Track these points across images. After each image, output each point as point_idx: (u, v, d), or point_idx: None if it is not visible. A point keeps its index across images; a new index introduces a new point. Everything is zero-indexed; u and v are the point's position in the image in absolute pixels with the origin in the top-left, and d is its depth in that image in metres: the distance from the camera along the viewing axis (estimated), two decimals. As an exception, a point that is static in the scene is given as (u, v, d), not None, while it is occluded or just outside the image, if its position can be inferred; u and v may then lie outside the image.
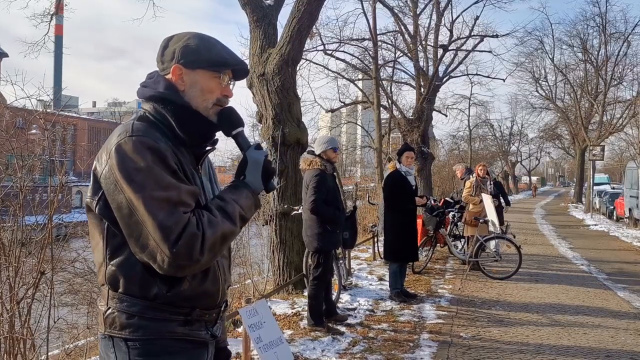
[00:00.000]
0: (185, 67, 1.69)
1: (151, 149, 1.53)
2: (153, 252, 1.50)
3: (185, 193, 1.54)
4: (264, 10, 7.84)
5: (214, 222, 1.56)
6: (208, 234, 1.52)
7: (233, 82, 1.80)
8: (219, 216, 1.58)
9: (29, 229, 3.97)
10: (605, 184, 35.59)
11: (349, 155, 33.52)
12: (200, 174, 1.76)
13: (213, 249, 1.55)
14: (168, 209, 1.49)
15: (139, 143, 1.53)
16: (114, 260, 1.60)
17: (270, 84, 7.41)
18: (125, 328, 1.60)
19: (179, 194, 1.52)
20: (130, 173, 1.51)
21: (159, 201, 1.49)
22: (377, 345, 5.34)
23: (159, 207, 1.48)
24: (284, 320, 6.01)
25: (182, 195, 1.53)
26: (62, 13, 15.34)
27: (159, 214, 1.48)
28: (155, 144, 1.55)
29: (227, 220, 1.59)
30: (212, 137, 1.77)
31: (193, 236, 1.50)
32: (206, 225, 1.53)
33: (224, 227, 1.58)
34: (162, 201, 1.49)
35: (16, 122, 6.55)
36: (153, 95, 1.69)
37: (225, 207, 1.61)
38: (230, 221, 1.60)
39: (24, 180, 4.00)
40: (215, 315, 1.77)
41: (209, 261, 1.57)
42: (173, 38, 1.76)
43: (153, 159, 1.52)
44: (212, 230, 1.54)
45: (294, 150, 7.47)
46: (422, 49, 20.55)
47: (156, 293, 1.59)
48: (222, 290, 1.76)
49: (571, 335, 5.81)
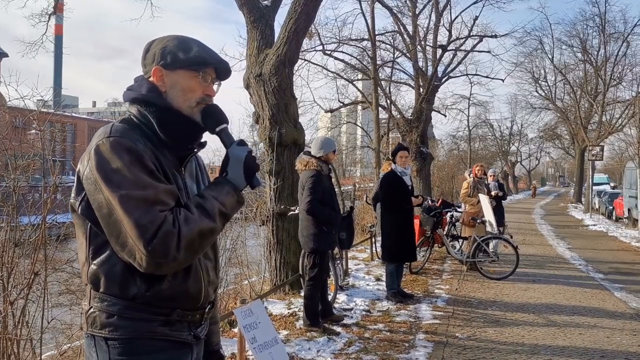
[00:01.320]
0: (165, 69, 1.71)
1: (128, 149, 1.55)
2: (132, 251, 1.51)
3: (163, 192, 1.55)
4: (261, 11, 7.85)
5: (190, 219, 1.56)
6: (184, 231, 1.53)
7: (218, 82, 1.81)
8: (196, 213, 1.58)
9: (22, 229, 3.97)
10: (605, 184, 35.61)
11: (349, 155, 33.56)
12: (184, 176, 1.76)
13: (191, 247, 1.55)
14: (144, 207, 1.50)
15: (116, 144, 1.55)
16: (95, 259, 1.62)
17: (267, 84, 7.42)
18: (105, 327, 1.61)
19: (156, 193, 1.53)
20: (107, 173, 1.53)
21: (135, 200, 1.50)
22: (373, 346, 5.35)
23: (135, 206, 1.50)
24: (280, 321, 6.02)
25: (159, 194, 1.54)
26: (61, 13, 15.33)
27: (134, 212, 1.49)
28: (132, 144, 1.57)
29: (205, 217, 1.59)
30: (197, 138, 1.78)
31: (168, 234, 1.50)
32: (182, 223, 1.54)
33: (201, 224, 1.57)
34: (139, 200, 1.51)
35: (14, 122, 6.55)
36: (136, 98, 1.72)
37: (204, 204, 1.61)
38: (209, 218, 1.60)
39: (18, 180, 4.00)
40: (199, 317, 1.76)
41: (187, 259, 1.57)
42: (155, 41, 1.78)
43: (130, 159, 1.54)
44: (188, 227, 1.54)
45: (291, 150, 7.48)
46: (421, 49, 20.57)
47: (135, 293, 1.60)
48: (206, 291, 1.74)
49: (567, 335, 5.81)
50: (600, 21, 28.59)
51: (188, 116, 1.71)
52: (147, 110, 1.69)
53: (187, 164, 1.79)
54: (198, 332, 1.77)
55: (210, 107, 1.75)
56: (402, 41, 20.66)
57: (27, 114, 5.46)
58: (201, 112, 1.73)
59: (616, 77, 29.35)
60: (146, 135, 1.65)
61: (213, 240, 1.69)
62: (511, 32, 24.10)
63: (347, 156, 35.10)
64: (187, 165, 1.79)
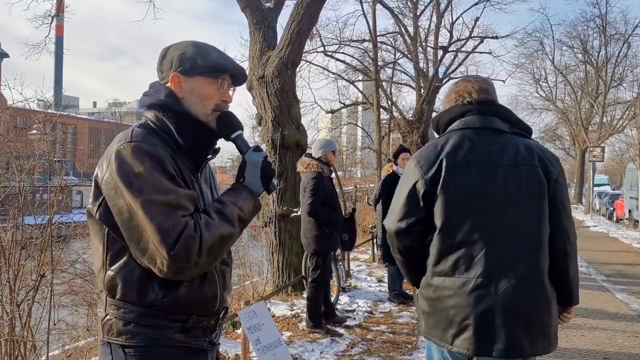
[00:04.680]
0: (183, 75, 1.72)
1: (149, 154, 1.56)
2: (153, 256, 1.52)
3: (184, 197, 1.56)
4: (264, 13, 7.87)
5: (211, 224, 1.57)
6: (205, 236, 1.54)
7: (233, 88, 1.82)
8: (216, 219, 1.59)
9: (29, 231, 4.00)
10: (605, 185, 35.61)
11: (349, 156, 33.53)
12: (200, 181, 1.77)
13: (212, 252, 1.56)
14: (166, 212, 1.51)
15: (138, 148, 1.56)
16: (113, 265, 1.62)
17: (269, 86, 7.45)
18: (122, 334, 1.61)
19: (177, 198, 1.54)
20: (129, 178, 1.53)
21: (157, 205, 1.51)
22: (376, 347, 5.37)
23: (158, 210, 1.50)
24: (283, 322, 6.04)
25: (180, 199, 1.55)
26: (62, 14, 15.38)
27: (157, 217, 1.50)
28: (153, 149, 1.57)
29: (225, 222, 1.60)
30: (213, 144, 1.79)
31: (190, 239, 1.51)
32: (203, 228, 1.55)
33: (221, 230, 1.58)
34: (161, 205, 1.51)
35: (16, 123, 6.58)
36: (154, 104, 1.72)
37: (224, 209, 1.62)
38: (229, 223, 1.61)
39: (24, 182, 4.02)
40: (214, 322, 1.76)
41: (208, 264, 1.58)
42: (171, 47, 1.78)
43: (152, 164, 1.55)
44: (210, 232, 1.55)
45: (294, 152, 7.50)
46: (422, 50, 20.58)
47: (153, 299, 1.60)
48: (221, 296, 1.75)
49: (568, 337, 5.83)
50: (601, 22, 28.70)
51: (205, 123, 1.72)
52: (165, 116, 1.69)
53: (202, 170, 1.79)
54: (213, 338, 1.77)
55: (226, 114, 1.76)
56: (403, 42, 20.67)
57: (29, 114, 5.50)
58: (216, 119, 1.74)
59: (617, 78, 29.42)
60: (164, 140, 1.66)
61: (231, 245, 1.70)
62: (512, 34, 24.10)
63: (348, 157, 35.10)
64: (202, 172, 1.80)
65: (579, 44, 30.93)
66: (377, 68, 17.59)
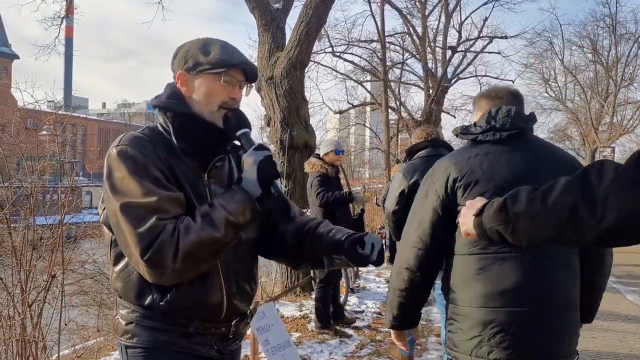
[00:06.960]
0: (188, 73, 1.68)
1: (132, 157, 1.53)
2: (135, 259, 1.50)
3: (166, 200, 1.51)
4: (272, 14, 7.89)
5: (192, 228, 1.49)
6: (183, 241, 1.47)
7: (247, 84, 1.74)
8: (199, 222, 1.51)
9: (39, 231, 4.02)
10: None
11: (357, 156, 33.51)
12: (209, 182, 1.69)
13: (191, 256, 1.48)
14: (143, 216, 1.48)
15: (121, 153, 1.54)
16: (116, 267, 1.64)
17: (278, 87, 7.46)
18: (124, 334, 1.63)
19: (158, 202, 1.49)
20: (112, 181, 1.53)
21: (133, 208, 1.49)
22: (385, 349, 5.36)
23: (135, 214, 1.48)
24: (292, 323, 6.04)
25: (160, 202, 1.49)
26: (72, 15, 15.46)
27: (132, 220, 1.48)
28: (137, 152, 1.54)
29: (208, 226, 1.51)
30: (220, 142, 1.71)
31: (164, 243, 1.46)
32: (182, 232, 1.48)
33: (202, 234, 1.49)
34: (139, 208, 1.49)
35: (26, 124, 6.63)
36: (157, 105, 1.71)
37: (211, 212, 1.54)
38: (213, 227, 1.51)
39: (35, 183, 4.05)
40: (225, 330, 1.68)
41: (189, 269, 1.51)
42: (182, 46, 1.74)
43: (134, 167, 1.52)
44: (189, 237, 1.48)
45: (302, 153, 7.50)
46: (430, 50, 20.56)
47: (151, 302, 1.58)
48: (229, 302, 1.66)
49: (579, 339, 5.78)
50: (611, 22, 28.44)
51: (209, 121, 1.66)
52: (167, 117, 1.67)
53: (211, 169, 1.71)
54: (223, 347, 1.70)
55: (232, 111, 1.68)
56: (411, 42, 20.66)
57: (40, 116, 5.54)
58: (223, 117, 1.67)
59: (627, 77, 29.16)
60: (167, 141, 1.63)
61: (221, 250, 1.56)
62: (521, 33, 24.03)
63: (356, 158, 35.08)
64: (214, 171, 1.72)
65: (588, 44, 30.70)
66: (385, 68, 17.58)
